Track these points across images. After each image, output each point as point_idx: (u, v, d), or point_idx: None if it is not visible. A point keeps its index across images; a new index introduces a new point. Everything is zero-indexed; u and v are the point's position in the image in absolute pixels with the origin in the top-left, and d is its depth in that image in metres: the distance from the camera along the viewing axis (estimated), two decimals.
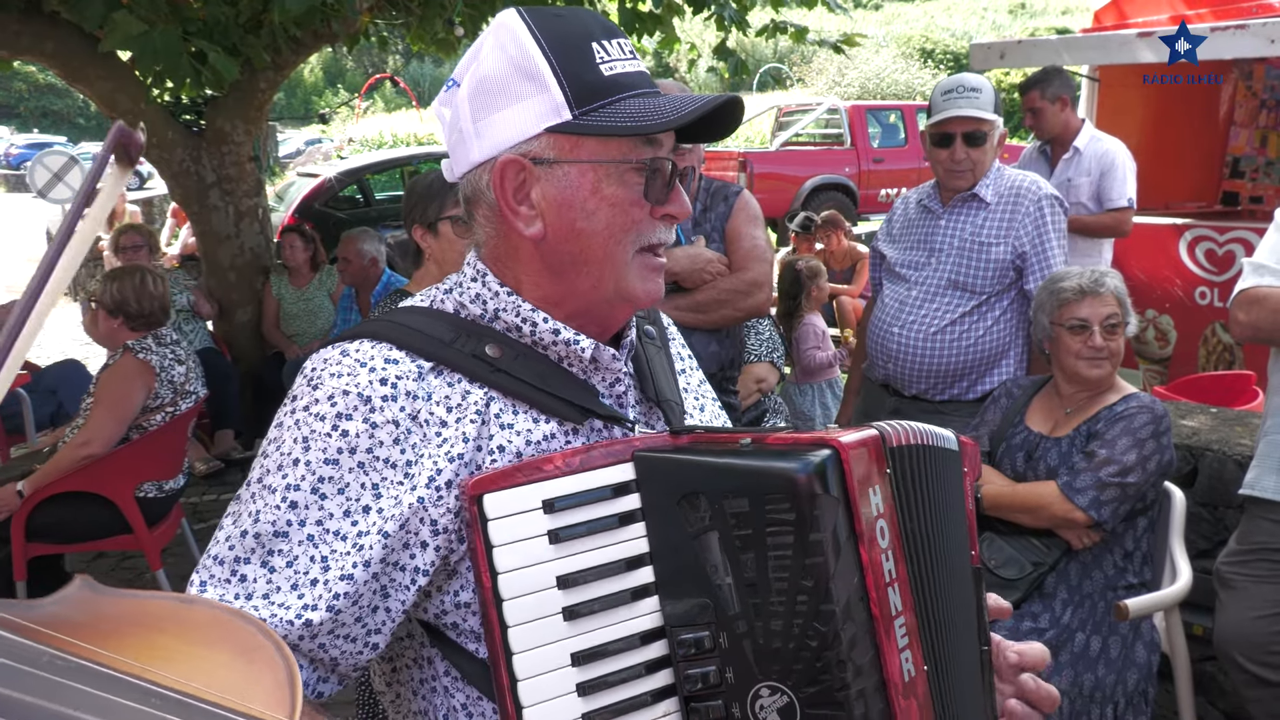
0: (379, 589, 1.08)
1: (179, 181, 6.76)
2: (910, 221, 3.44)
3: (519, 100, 1.12)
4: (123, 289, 4.09)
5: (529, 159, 1.13)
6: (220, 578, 1.06)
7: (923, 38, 33.98)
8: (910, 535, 1.07)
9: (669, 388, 1.30)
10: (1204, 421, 3.54)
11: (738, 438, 1.09)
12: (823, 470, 0.99)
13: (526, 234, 1.16)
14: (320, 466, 1.07)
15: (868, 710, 0.98)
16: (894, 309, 3.33)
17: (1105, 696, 2.59)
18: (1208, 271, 5.79)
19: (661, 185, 1.16)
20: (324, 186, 11.38)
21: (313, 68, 47.30)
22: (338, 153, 22.88)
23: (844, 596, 0.98)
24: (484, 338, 1.16)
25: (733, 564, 1.03)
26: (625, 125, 1.11)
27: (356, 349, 1.12)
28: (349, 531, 1.06)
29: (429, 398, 1.11)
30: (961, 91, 3.21)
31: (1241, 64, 6.86)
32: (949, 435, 1.21)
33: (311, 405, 1.09)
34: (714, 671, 1.04)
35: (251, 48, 5.86)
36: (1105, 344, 2.78)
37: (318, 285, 6.86)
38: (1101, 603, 2.72)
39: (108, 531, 4.05)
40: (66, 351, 10.38)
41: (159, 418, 4.09)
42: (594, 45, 1.13)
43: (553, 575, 1.04)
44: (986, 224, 3.25)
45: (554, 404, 1.16)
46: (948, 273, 3.25)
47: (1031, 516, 2.75)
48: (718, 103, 1.13)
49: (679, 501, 1.06)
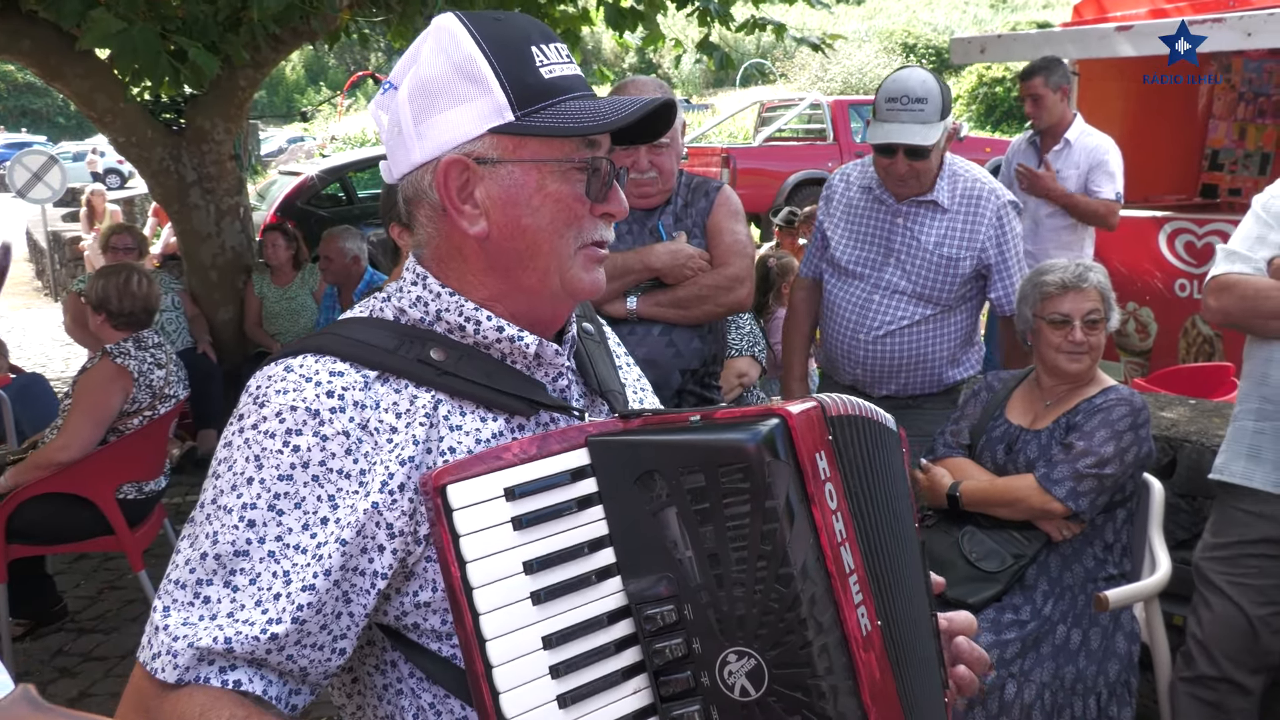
0: (340, 595, 1.09)
1: (159, 180, 6.72)
2: (857, 210, 3.30)
3: (461, 102, 1.14)
4: (106, 286, 4.08)
5: (472, 159, 1.15)
6: (183, 601, 1.07)
7: (905, 32, 34.06)
8: (855, 498, 1.10)
9: (611, 378, 1.32)
10: (1182, 413, 3.56)
11: (686, 416, 1.13)
12: (772, 439, 1.02)
13: (471, 232, 1.17)
14: (275, 483, 1.08)
15: (832, 664, 1.02)
16: (855, 313, 3.26)
17: (1087, 688, 2.61)
18: (1187, 264, 5.83)
19: (601, 184, 1.19)
20: (306, 184, 11.33)
21: (294, 66, 47.08)
22: (320, 151, 22.80)
23: (801, 558, 1.02)
24: (427, 342, 1.17)
25: (692, 537, 1.06)
26: (567, 126, 1.14)
27: (300, 364, 1.13)
28: (308, 544, 1.07)
29: (377, 405, 1.12)
30: (906, 103, 3.03)
31: (1220, 57, 6.91)
32: (885, 414, 1.26)
33: (260, 423, 1.10)
34: (680, 643, 1.07)
35: (231, 45, 5.83)
36: (1085, 339, 2.79)
37: (300, 284, 6.83)
38: (1082, 595, 2.73)
39: (89, 533, 4.03)
40: (48, 351, 10.32)
41: (136, 421, 4.07)
42: (533, 49, 1.16)
43: (519, 561, 1.05)
44: (949, 234, 3.18)
45: (502, 400, 1.18)
46: (912, 284, 3.19)
47: (1010, 509, 2.77)
48: (653, 106, 1.17)
49: (635, 481, 1.09)
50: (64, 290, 9.58)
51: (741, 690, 1.05)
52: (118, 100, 6.24)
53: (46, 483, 3.88)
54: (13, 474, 3.88)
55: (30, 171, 11.90)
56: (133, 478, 4.09)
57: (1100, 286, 2.82)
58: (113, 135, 6.61)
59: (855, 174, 3.36)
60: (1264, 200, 2.57)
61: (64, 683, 4.02)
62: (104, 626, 4.50)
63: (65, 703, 3.84)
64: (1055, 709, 2.57)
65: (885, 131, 3.07)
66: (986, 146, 16.89)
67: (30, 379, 6.01)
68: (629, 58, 35.05)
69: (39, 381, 6.03)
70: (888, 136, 3.06)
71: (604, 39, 28.99)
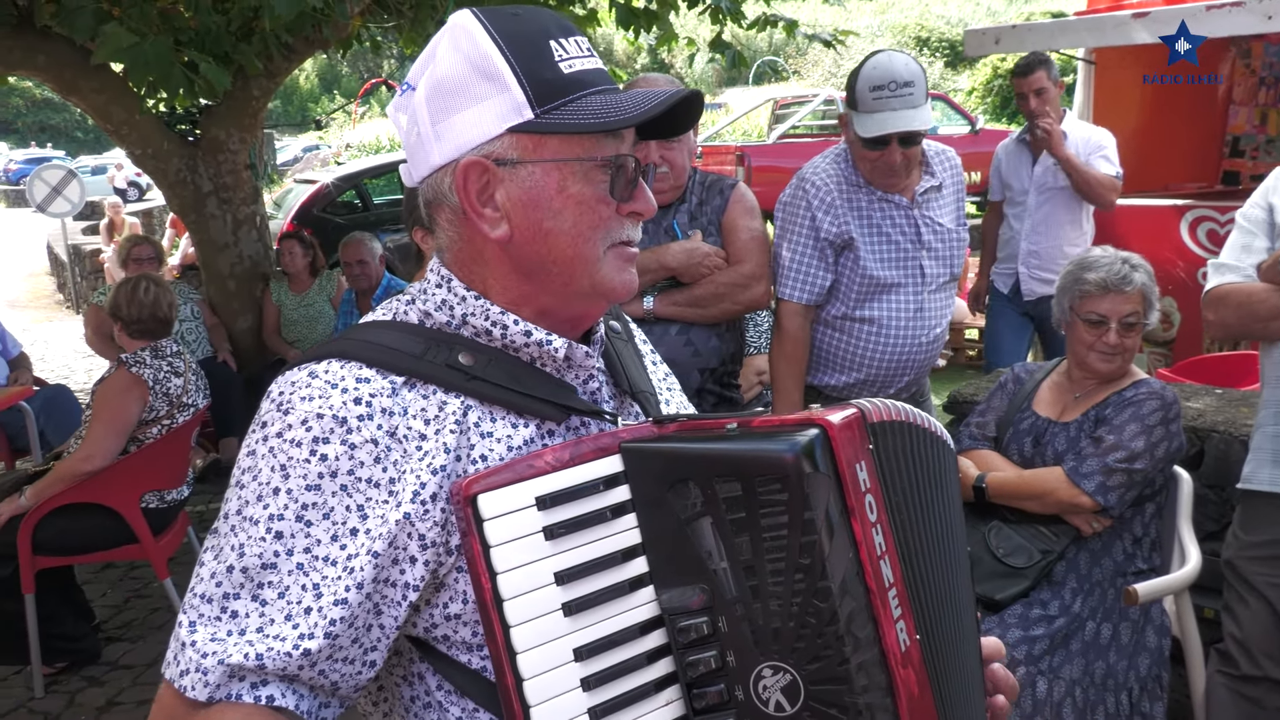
0: (372, 608, 1.06)
1: (175, 191, 6.76)
2: (869, 215, 3.02)
3: (479, 101, 1.11)
4: (117, 295, 4.17)
5: (492, 160, 1.12)
6: (210, 616, 1.03)
7: (918, 25, 33.90)
8: (895, 509, 1.08)
9: (641, 379, 1.29)
10: (1209, 403, 3.52)
11: (723, 423, 1.10)
12: (812, 449, 1.00)
13: (492, 236, 1.14)
14: (302, 494, 1.05)
15: (869, 681, 1.00)
16: (908, 323, 3.04)
17: (1118, 684, 2.57)
18: (1210, 252, 5.76)
19: (626, 182, 1.15)
20: (322, 192, 11.39)
21: (308, 74, 47.33)
22: (335, 158, 22.88)
23: (840, 572, 1.00)
24: (454, 346, 1.14)
25: (727, 548, 1.04)
26: (588, 122, 1.10)
27: (325, 370, 1.09)
28: (338, 556, 1.04)
29: (405, 412, 1.09)
30: (894, 89, 2.82)
31: (1239, 42, 6.83)
32: (933, 420, 1.22)
33: (285, 431, 1.06)
34: (714, 656, 1.05)
35: (244, 55, 5.85)
36: (1120, 341, 2.75)
37: (318, 291, 6.85)
38: (1111, 590, 2.70)
39: (114, 542, 4.05)
40: (70, 364, 10.40)
41: (155, 430, 4.09)
42: (551, 43, 1.12)
43: (550, 572, 1.03)
44: (953, 208, 3.12)
45: (533, 405, 1.14)
46: (947, 269, 3.10)
47: (1038, 503, 2.73)
48: (678, 98, 1.13)
49: (669, 490, 1.07)
50: (85, 303, 9.65)
51: (776, 705, 1.03)
52: (133, 113, 6.27)
53: (71, 493, 3.90)
54: (35, 491, 3.90)
55: (49, 186, 12.01)
56: (155, 486, 4.10)
57: (1143, 288, 2.76)
58: (129, 148, 6.65)
59: (835, 176, 3.04)
60: (1244, 210, 2.59)
61: (91, 691, 4.04)
62: (130, 635, 4.53)
63: (93, 711, 3.87)
64: (1087, 705, 2.54)
65: (879, 122, 2.85)
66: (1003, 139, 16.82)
67: (55, 391, 6.06)
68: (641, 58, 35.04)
69: (64, 393, 6.09)
70: (883, 127, 2.84)
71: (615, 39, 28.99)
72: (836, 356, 3.13)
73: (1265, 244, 2.52)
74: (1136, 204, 6.25)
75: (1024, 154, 5.11)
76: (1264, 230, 2.53)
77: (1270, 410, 2.59)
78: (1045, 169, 5.01)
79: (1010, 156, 5.22)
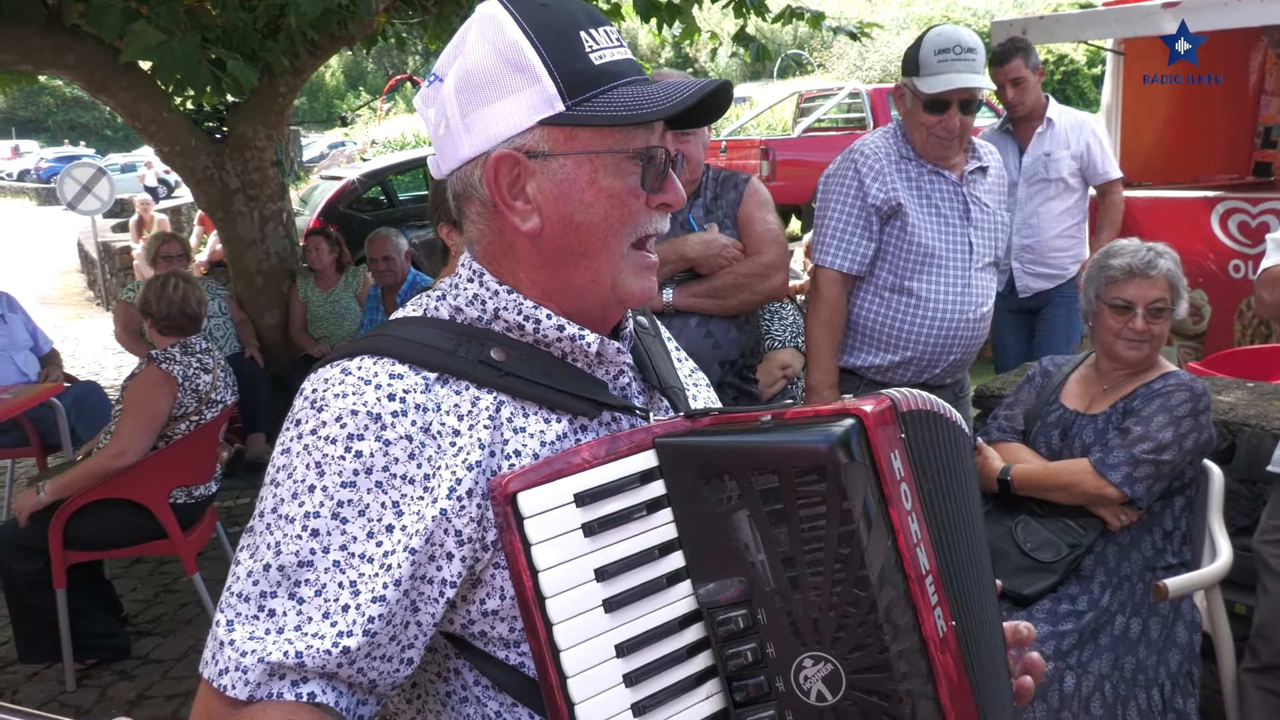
0: (409, 605, 1.06)
1: (203, 188, 6.81)
2: (919, 185, 3.05)
3: (509, 93, 1.10)
4: (147, 292, 4.23)
5: (523, 153, 1.12)
6: (247, 614, 1.03)
7: (944, 18, 33.65)
8: (927, 497, 1.08)
9: (670, 374, 1.29)
10: (1240, 396, 3.48)
11: (756, 416, 1.10)
12: (848, 440, 1.00)
13: (523, 229, 1.14)
14: (338, 491, 1.04)
15: (910, 669, 1.00)
16: (955, 299, 3.04)
17: (1149, 680, 2.55)
18: (1241, 244, 5.69)
19: (657, 173, 1.15)
20: (348, 189, 11.45)
21: (334, 71, 47.58)
22: (361, 155, 22.98)
23: (879, 561, 1.00)
24: (486, 341, 1.14)
25: (765, 540, 1.04)
26: (620, 115, 1.09)
27: (358, 367, 1.09)
28: (374, 553, 1.04)
29: (439, 408, 1.09)
30: (959, 53, 2.89)
31: (1271, 31, 6.74)
32: (953, 410, 1.22)
33: (319, 429, 1.06)
34: (754, 648, 1.06)
35: (270, 53, 5.89)
36: (1147, 328, 2.72)
37: (344, 287, 6.89)
38: (1140, 584, 2.67)
39: (143, 537, 4.09)
40: (100, 360, 10.50)
41: (184, 426, 4.12)
42: (582, 34, 1.11)
43: (590, 569, 1.04)
44: (997, 193, 3.16)
45: (566, 400, 1.14)
46: (993, 251, 3.13)
47: (1064, 494, 2.71)
48: (710, 88, 1.12)
49: (704, 484, 1.07)
50: (114, 300, 9.74)
51: (818, 695, 1.03)
52: (161, 111, 6.32)
53: (100, 489, 3.94)
54: (55, 486, 3.93)
55: (79, 184, 12.12)
56: (183, 482, 4.14)
57: (1169, 274, 2.74)
58: (157, 145, 6.71)
59: (885, 148, 3.08)
60: None
61: (122, 685, 4.09)
62: (160, 629, 4.57)
63: (124, 705, 3.91)
64: (1117, 700, 2.52)
65: (944, 81, 2.89)
66: None
67: (85, 387, 6.12)
68: (665, 52, 35.00)
69: (94, 389, 6.15)
70: (949, 84, 2.88)
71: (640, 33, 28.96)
72: (880, 333, 3.11)
73: None
74: (1166, 195, 6.19)
75: (1009, 144, 4.85)
76: None
77: None
78: (1035, 159, 4.80)
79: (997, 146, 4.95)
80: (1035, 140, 4.77)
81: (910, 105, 3.01)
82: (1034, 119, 4.79)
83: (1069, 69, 26.53)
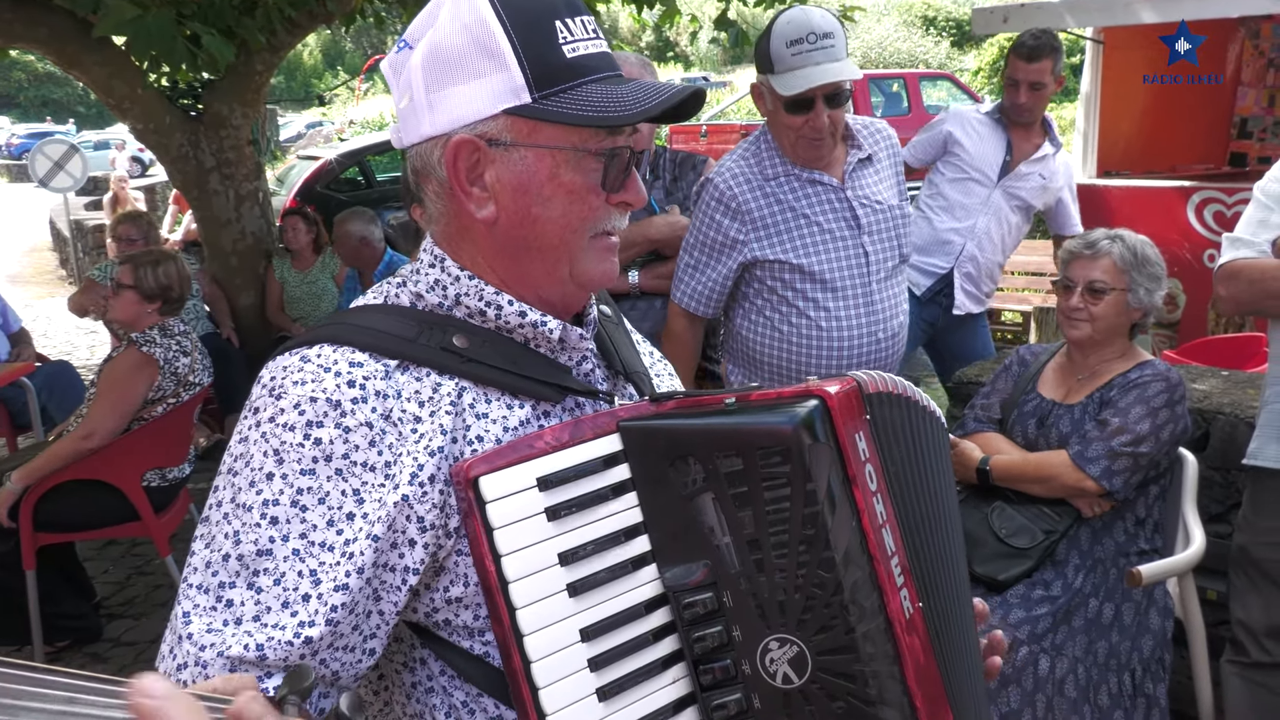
0: (372, 594, 1.05)
1: (178, 167, 6.73)
2: (794, 205, 2.68)
3: (476, 77, 1.08)
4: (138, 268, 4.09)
5: (484, 140, 1.09)
6: (205, 606, 1.01)
7: (924, 4, 33.72)
8: (894, 478, 1.08)
9: (635, 360, 1.29)
10: (1215, 385, 3.50)
11: (720, 398, 1.10)
12: (812, 420, 1.00)
13: (478, 216, 1.13)
14: (297, 478, 1.03)
15: (876, 650, 1.00)
16: (860, 319, 2.71)
17: (1121, 664, 2.57)
18: (1216, 234, 5.74)
19: (619, 173, 1.13)
20: (325, 169, 11.36)
21: (312, 50, 47.15)
22: (338, 135, 22.82)
23: (844, 542, 1.00)
24: (448, 328, 1.13)
25: (730, 523, 1.04)
26: (587, 115, 1.07)
27: (318, 354, 1.08)
28: (335, 541, 1.02)
29: (399, 395, 1.07)
30: (814, 41, 2.53)
31: (1249, 22, 6.78)
32: (923, 394, 1.22)
33: (278, 416, 1.04)
34: (720, 631, 1.05)
35: (246, 29, 5.82)
36: (1084, 306, 2.76)
37: (321, 268, 6.84)
38: (1114, 569, 2.70)
39: (116, 519, 4.05)
40: (72, 340, 10.39)
41: (160, 409, 4.08)
42: (557, 23, 1.08)
43: (554, 553, 1.03)
44: (883, 182, 2.78)
45: (528, 386, 1.13)
46: (894, 249, 2.77)
47: (1043, 486, 2.73)
48: (681, 95, 1.10)
49: (669, 467, 1.06)
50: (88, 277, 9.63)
51: (784, 678, 1.03)
52: (135, 87, 6.24)
53: (72, 470, 3.90)
54: (22, 473, 3.88)
55: (52, 161, 11.95)
56: (157, 464, 4.10)
57: (1117, 258, 2.75)
58: (131, 122, 6.62)
59: (745, 173, 2.70)
60: (1262, 184, 2.56)
61: (94, 668, 4.05)
62: (132, 612, 4.54)
63: None
64: (1090, 684, 2.54)
65: (802, 78, 2.54)
66: None
67: (57, 367, 6.05)
68: (646, 35, 34.87)
69: (66, 369, 6.07)
70: (809, 81, 2.53)
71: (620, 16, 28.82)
72: (776, 363, 2.78)
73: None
74: (1143, 185, 6.23)
75: (998, 137, 4.25)
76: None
77: (1279, 389, 2.58)
78: (1030, 177, 4.23)
79: (976, 132, 4.27)
80: (1034, 159, 4.23)
81: (771, 106, 2.67)
82: (1033, 132, 4.24)
83: None
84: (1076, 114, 7.32)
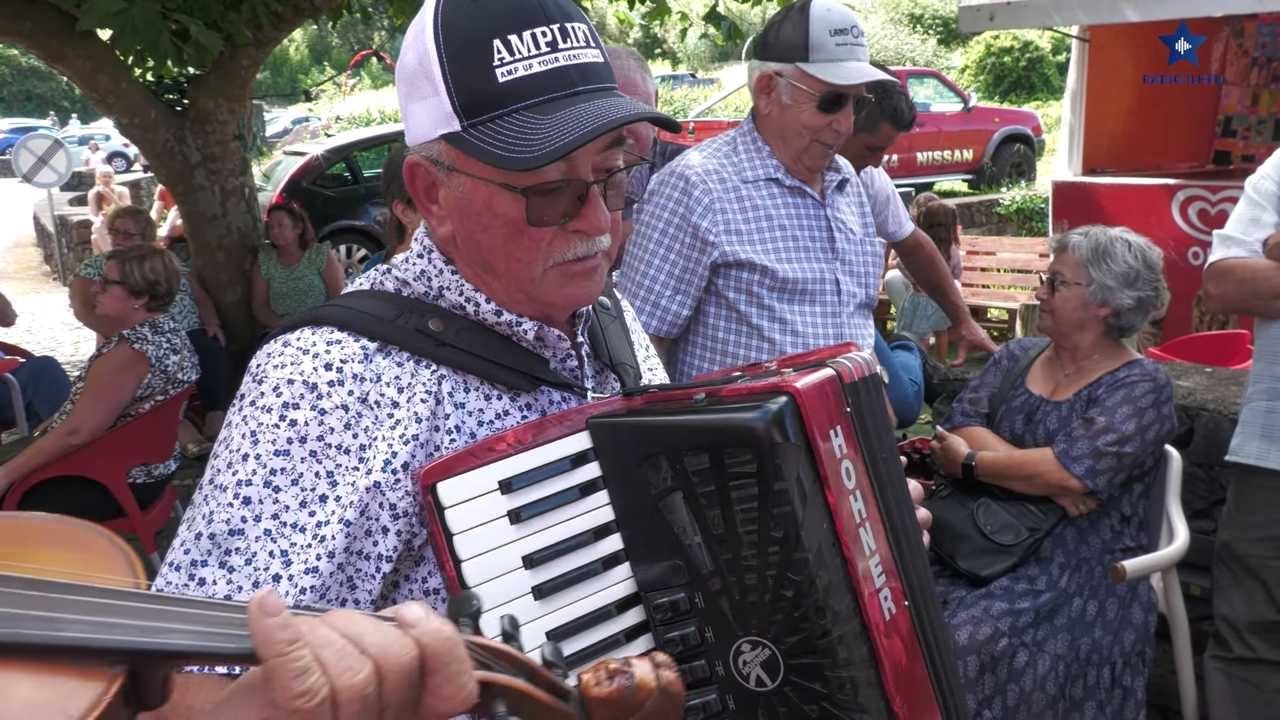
0: (345, 580, 1.05)
1: (163, 162, 6.70)
2: (771, 214, 2.41)
3: (422, 98, 1.09)
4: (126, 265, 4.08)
5: (431, 161, 1.11)
6: (178, 583, 1.02)
7: (911, 2, 33.77)
8: (876, 471, 1.06)
9: (624, 351, 1.28)
10: (1199, 381, 3.52)
11: (692, 393, 1.08)
12: (780, 418, 0.97)
13: (438, 232, 1.14)
14: (271, 459, 1.03)
15: (851, 654, 0.98)
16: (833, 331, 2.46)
17: (1102, 658, 2.59)
18: (1200, 231, 5.77)
19: (567, 204, 1.06)
20: (311, 164, 11.32)
21: (298, 45, 46.93)
22: (325, 131, 22.70)
23: (815, 543, 0.98)
24: (426, 313, 1.13)
25: (700, 522, 1.02)
26: (496, 154, 1.02)
27: (297, 337, 1.09)
28: (307, 523, 1.02)
29: (378, 379, 1.07)
30: (856, 36, 2.32)
31: (1233, 21, 6.81)
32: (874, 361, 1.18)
33: (258, 399, 1.05)
34: (693, 632, 1.04)
35: (232, 23, 5.79)
36: (1044, 298, 2.86)
37: (307, 264, 6.81)
38: (1099, 567, 2.71)
39: (101, 515, 4.03)
40: (57, 335, 10.33)
41: (147, 405, 4.06)
42: (496, 43, 1.02)
43: (518, 556, 1.02)
44: (852, 209, 2.58)
45: (504, 375, 1.13)
46: (864, 289, 2.54)
47: (1027, 484, 2.74)
48: (611, 126, 1.01)
49: (639, 465, 1.05)
50: (72, 274, 9.58)
51: (757, 680, 1.02)
52: (120, 81, 6.20)
53: (58, 466, 3.88)
54: (6, 471, 3.84)
55: (35, 156, 11.88)
56: (143, 460, 4.09)
57: (1077, 253, 2.78)
58: (116, 117, 6.58)
59: (720, 171, 2.40)
60: (1254, 181, 2.56)
61: None
62: None
63: None
64: (1069, 679, 2.56)
65: (850, 71, 2.30)
66: (995, 117, 16.74)
67: (42, 363, 6.01)
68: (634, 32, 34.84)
69: (51, 365, 6.04)
70: (860, 75, 2.30)
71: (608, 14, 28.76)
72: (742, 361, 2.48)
73: (1274, 218, 2.48)
74: (1128, 182, 6.25)
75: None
76: (1274, 204, 2.49)
77: (1262, 385, 2.58)
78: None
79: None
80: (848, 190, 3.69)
81: (790, 100, 2.35)
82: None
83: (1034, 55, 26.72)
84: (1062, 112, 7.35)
